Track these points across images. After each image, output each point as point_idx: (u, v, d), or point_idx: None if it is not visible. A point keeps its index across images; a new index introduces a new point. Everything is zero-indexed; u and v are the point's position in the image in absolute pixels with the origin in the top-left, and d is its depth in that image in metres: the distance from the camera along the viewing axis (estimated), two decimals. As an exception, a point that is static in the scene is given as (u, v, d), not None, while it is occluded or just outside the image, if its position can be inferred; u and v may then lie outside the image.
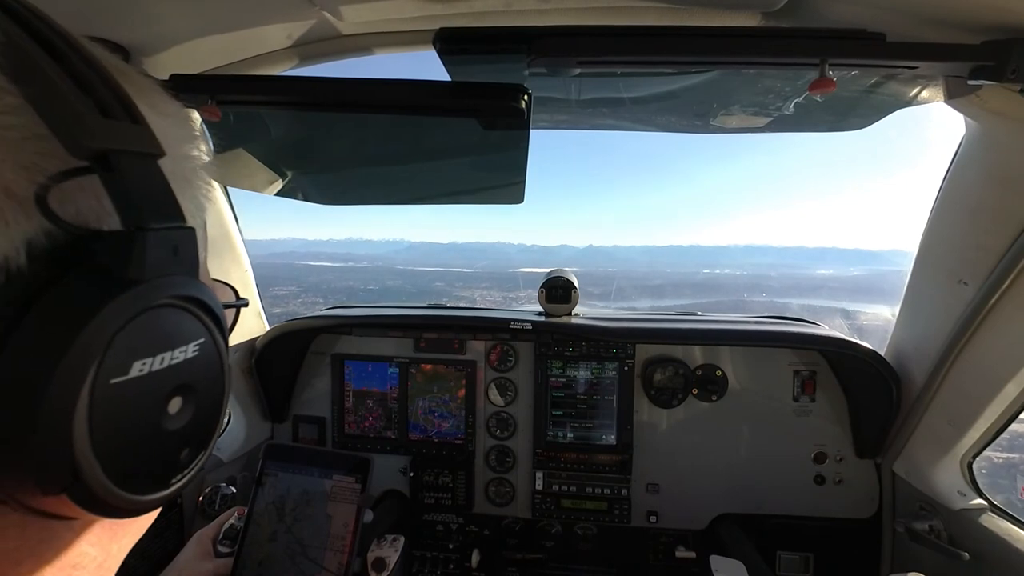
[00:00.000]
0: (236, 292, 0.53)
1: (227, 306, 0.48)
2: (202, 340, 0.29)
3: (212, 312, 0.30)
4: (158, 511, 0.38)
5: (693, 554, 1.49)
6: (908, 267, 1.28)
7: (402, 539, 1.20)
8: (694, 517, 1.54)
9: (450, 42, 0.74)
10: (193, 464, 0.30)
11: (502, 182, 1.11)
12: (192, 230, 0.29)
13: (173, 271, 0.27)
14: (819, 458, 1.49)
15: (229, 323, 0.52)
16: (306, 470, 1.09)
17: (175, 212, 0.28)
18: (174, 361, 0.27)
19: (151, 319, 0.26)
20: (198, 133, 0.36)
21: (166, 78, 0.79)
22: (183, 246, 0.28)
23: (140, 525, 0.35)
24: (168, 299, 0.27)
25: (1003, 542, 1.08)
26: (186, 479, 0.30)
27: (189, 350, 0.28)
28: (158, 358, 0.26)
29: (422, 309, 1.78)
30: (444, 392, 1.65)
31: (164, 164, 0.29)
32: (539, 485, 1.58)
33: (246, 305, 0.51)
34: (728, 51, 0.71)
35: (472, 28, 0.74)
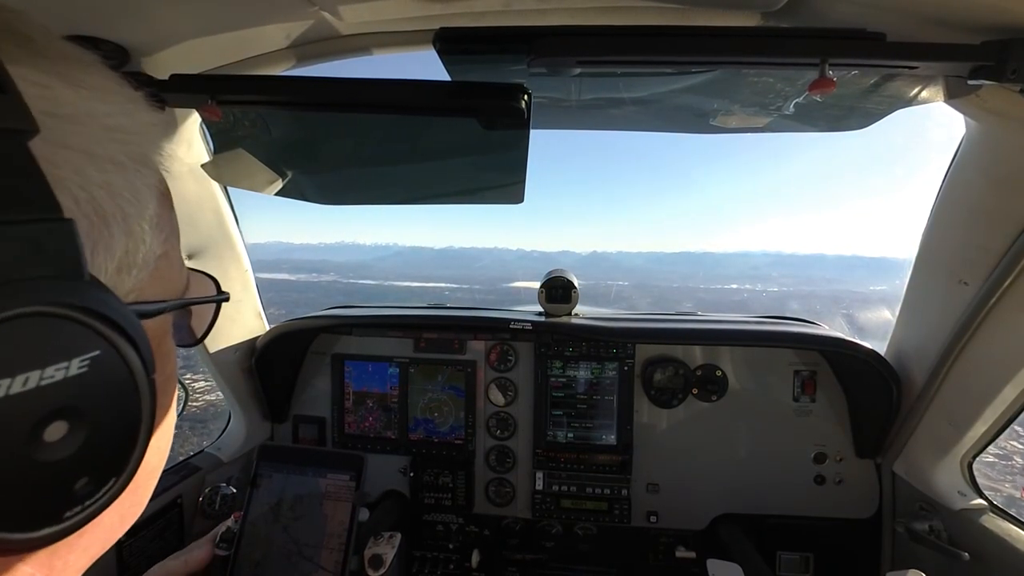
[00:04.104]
0: (218, 285, 0.47)
1: (202, 301, 0.43)
2: (94, 354, 0.25)
3: (109, 320, 0.25)
4: (124, 528, 0.36)
5: (693, 554, 1.49)
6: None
7: (399, 536, 1.20)
8: (694, 517, 1.54)
9: (450, 42, 0.74)
10: (99, 495, 0.26)
11: (502, 182, 1.11)
12: (67, 223, 0.24)
13: (34, 274, 0.23)
14: (819, 458, 1.49)
15: (208, 319, 0.48)
16: (300, 470, 1.10)
17: (41, 201, 0.23)
18: (47, 381, 0.23)
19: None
20: (137, 108, 0.31)
21: (166, 78, 0.79)
22: (52, 243, 0.23)
23: (90, 544, 0.32)
24: (27, 307, 0.22)
25: (1003, 542, 1.08)
26: (89, 511, 0.26)
27: (72, 366, 0.24)
28: (18, 379, 0.22)
29: (422, 309, 1.78)
30: (444, 392, 1.65)
31: (76, 142, 0.26)
32: (539, 485, 1.58)
33: (226, 299, 0.46)
34: (728, 51, 0.71)
35: (472, 28, 0.74)
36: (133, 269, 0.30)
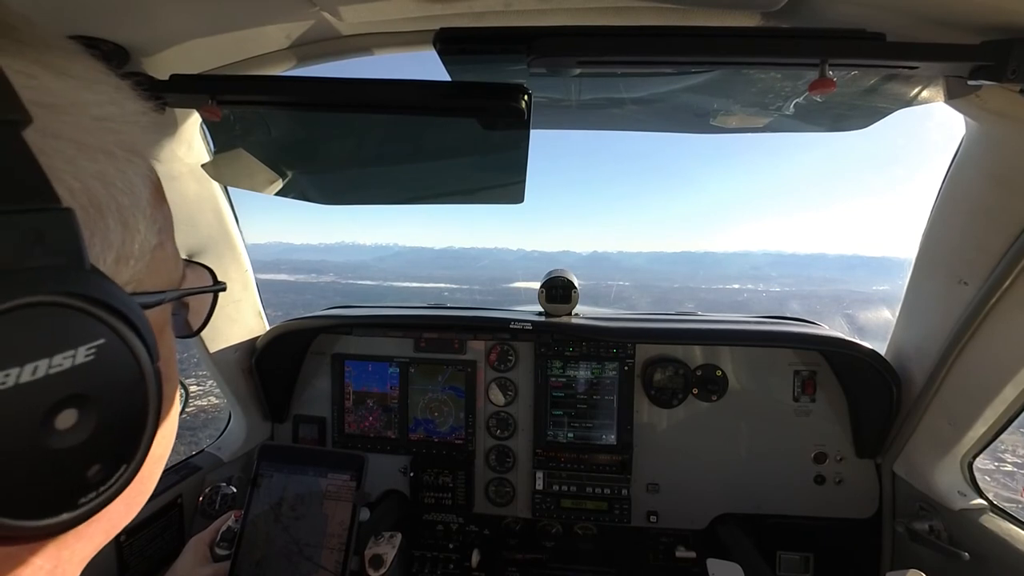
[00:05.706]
0: (214, 275, 0.47)
1: (200, 291, 0.44)
2: (100, 342, 0.25)
3: (112, 308, 0.25)
4: (130, 516, 0.36)
5: (693, 554, 1.49)
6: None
7: (399, 536, 1.20)
8: (694, 517, 1.54)
9: (450, 42, 0.74)
10: (112, 481, 0.27)
11: (502, 182, 1.11)
12: (67, 212, 0.24)
13: (36, 263, 0.23)
14: (819, 458, 1.49)
15: (206, 310, 0.48)
16: (301, 470, 1.10)
17: (39, 191, 0.23)
18: (55, 369, 0.23)
19: (3, 323, 0.22)
20: (124, 97, 0.31)
21: (166, 78, 0.79)
22: (53, 232, 0.23)
23: (95, 533, 0.33)
24: (32, 297, 0.22)
25: (1003, 542, 1.08)
26: (103, 497, 0.26)
27: (79, 355, 0.24)
28: (27, 368, 0.22)
29: (422, 309, 1.78)
30: (444, 392, 1.66)
31: (66, 132, 0.26)
32: (539, 485, 1.58)
33: (223, 289, 0.47)
34: (728, 51, 0.71)
35: (472, 28, 0.74)
36: (131, 260, 0.30)
